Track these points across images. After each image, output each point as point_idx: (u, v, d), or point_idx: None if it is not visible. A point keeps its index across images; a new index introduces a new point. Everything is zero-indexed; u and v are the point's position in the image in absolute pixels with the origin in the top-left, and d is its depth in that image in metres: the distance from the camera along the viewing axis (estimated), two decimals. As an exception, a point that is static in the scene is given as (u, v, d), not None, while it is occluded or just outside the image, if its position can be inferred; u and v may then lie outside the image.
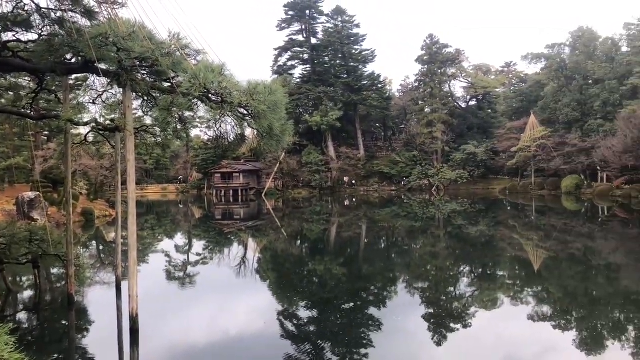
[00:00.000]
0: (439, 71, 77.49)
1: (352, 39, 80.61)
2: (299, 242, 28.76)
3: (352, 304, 14.05)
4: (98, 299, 14.66)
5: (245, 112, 8.29)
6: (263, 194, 70.98)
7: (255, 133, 9.29)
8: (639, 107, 51.30)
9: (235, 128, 9.42)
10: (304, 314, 13.14)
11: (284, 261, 22.22)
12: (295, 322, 12.35)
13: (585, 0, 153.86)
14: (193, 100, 8.69)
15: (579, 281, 17.05)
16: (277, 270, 20.07)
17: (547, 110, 69.96)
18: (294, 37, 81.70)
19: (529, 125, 66.62)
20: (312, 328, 11.91)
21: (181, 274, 19.04)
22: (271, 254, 24.34)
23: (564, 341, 10.84)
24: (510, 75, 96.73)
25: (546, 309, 13.65)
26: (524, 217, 40.49)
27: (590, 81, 67.72)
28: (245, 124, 8.94)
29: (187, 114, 10.12)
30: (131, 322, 9.99)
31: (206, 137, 60.34)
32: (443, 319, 12.61)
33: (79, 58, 9.66)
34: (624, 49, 70.61)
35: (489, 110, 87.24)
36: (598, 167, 58.82)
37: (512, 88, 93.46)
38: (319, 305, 13.96)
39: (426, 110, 78.00)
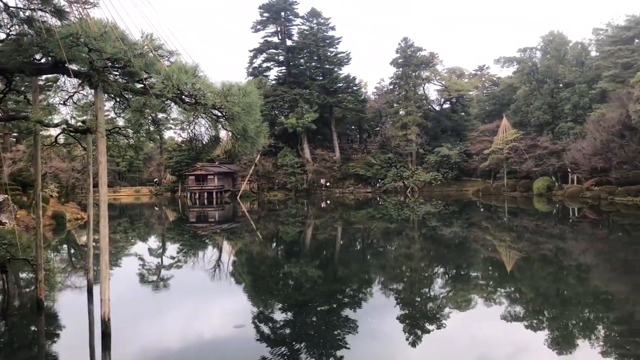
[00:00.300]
0: (414, 74, 78.19)
1: (328, 41, 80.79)
2: (275, 244, 28.69)
3: (328, 306, 14.07)
4: (69, 304, 14.38)
5: (219, 114, 8.24)
6: (238, 197, 70.57)
7: (230, 135, 9.25)
8: (607, 111, 52.49)
9: (210, 130, 9.36)
10: (279, 316, 13.10)
11: (259, 264, 22.14)
12: (271, 324, 12.31)
13: (556, 4, 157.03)
14: (166, 102, 8.61)
15: (550, 281, 17.36)
16: (252, 272, 19.98)
17: (519, 113, 71.14)
18: (269, 39, 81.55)
19: (502, 127, 67.64)
20: (287, 331, 11.88)
21: (155, 278, 18.81)
22: (246, 257, 24.22)
23: (536, 341, 11.02)
24: (483, 79, 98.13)
25: (519, 309, 13.87)
26: (497, 219, 41.09)
27: (561, 85, 69.12)
28: (220, 125, 8.89)
29: (160, 115, 10.02)
30: (103, 327, 9.83)
31: (180, 139, 59.78)
32: (418, 319, 12.71)
33: (49, 58, 9.49)
34: (593, 53, 72.36)
35: (462, 113, 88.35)
36: (568, 169, 60.04)
37: (485, 91, 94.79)
38: (295, 307, 13.94)
39: (401, 112, 78.57)
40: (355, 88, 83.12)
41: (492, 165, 67.70)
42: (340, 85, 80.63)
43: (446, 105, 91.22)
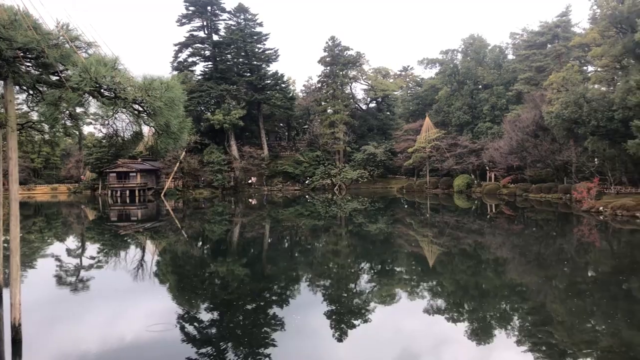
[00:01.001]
0: (341, 73, 79.17)
1: (255, 37, 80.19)
2: (200, 243, 28.15)
3: (255, 304, 13.96)
4: (-24, 310, 13.42)
5: (141, 109, 7.95)
6: (162, 194, 68.66)
7: (152, 131, 8.97)
8: (522, 111, 55.44)
9: (131, 125, 9.03)
10: (205, 316, 12.86)
11: (184, 263, 21.64)
12: (196, 325, 12.06)
13: (478, 8, 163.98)
14: (84, 95, 8.21)
15: (470, 275, 18.12)
16: (177, 272, 19.50)
17: (441, 113, 73.77)
18: (195, 33, 79.78)
19: (425, 127, 69.91)
20: (213, 330, 11.69)
21: (73, 279, 17.94)
22: (171, 256, 23.60)
23: (457, 332, 11.46)
24: (408, 79, 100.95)
25: (440, 302, 14.38)
26: (420, 215, 42.40)
27: (480, 86, 72.35)
28: (142, 121, 8.59)
29: (78, 109, 9.55)
30: (13, 332, 9.27)
31: (100, 135, 57.45)
32: (344, 315, 12.88)
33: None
34: (510, 56, 76.34)
35: (388, 113, 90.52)
36: (487, 167, 62.98)
37: (409, 91, 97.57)
38: (221, 306, 13.74)
39: (329, 111, 79.38)
40: (283, 85, 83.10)
41: (416, 164, 69.84)
42: (269, 82, 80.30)
43: (372, 105, 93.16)
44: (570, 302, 13.62)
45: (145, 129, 9.69)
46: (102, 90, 7.88)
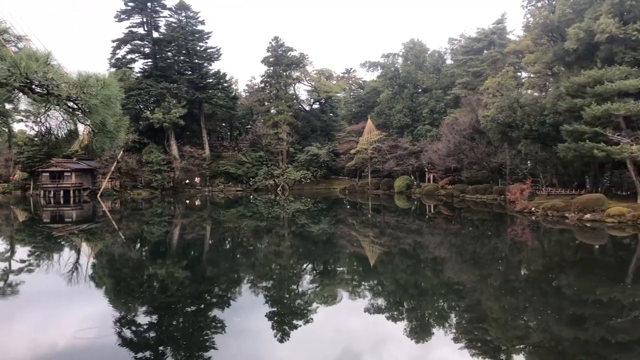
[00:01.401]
0: (285, 73, 79.07)
1: (197, 35, 78.81)
2: (139, 245, 27.40)
3: (195, 306, 13.73)
4: None
5: (76, 106, 7.63)
6: (98, 195, 66.32)
7: (88, 129, 8.63)
8: (460, 115, 57.16)
9: (65, 123, 8.65)
10: (143, 320, 12.52)
11: (121, 266, 21.00)
12: (134, 329, 11.72)
13: (419, 13, 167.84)
14: (13, 91, 7.80)
15: (409, 274, 18.51)
16: (114, 275, 18.90)
17: (383, 115, 75.00)
18: (135, 30, 77.47)
19: (367, 129, 70.87)
20: (152, 334, 11.40)
21: (0, 284, 17.04)
22: (107, 259, 22.83)
23: (397, 331, 11.68)
24: (350, 81, 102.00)
25: (381, 301, 14.62)
26: (361, 215, 42.95)
27: (420, 90, 74.09)
28: (76, 119, 8.24)
29: (8, 106, 9.06)
30: None
31: (32, 132, 54.74)
32: (286, 316, 12.86)
33: None
34: (449, 61, 78.58)
35: (331, 114, 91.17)
36: (426, 169, 64.55)
37: (351, 93, 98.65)
38: (160, 309, 13.42)
39: (272, 111, 79.07)
40: (225, 84, 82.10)
41: (358, 165, 70.70)
42: (210, 80, 79.12)
43: (316, 106, 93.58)
44: (504, 300, 14.15)
45: (81, 128, 9.32)
46: (33, 87, 7.51)
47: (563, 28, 37.47)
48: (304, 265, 21.08)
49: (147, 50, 77.64)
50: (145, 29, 77.75)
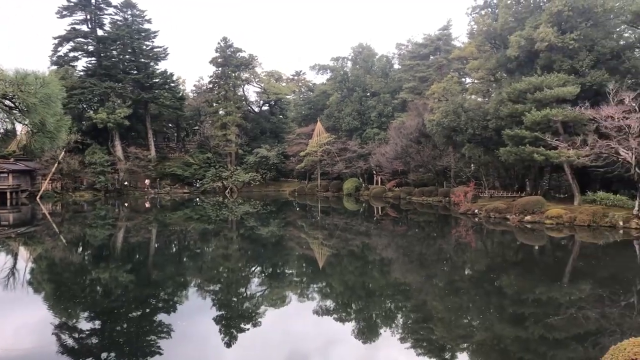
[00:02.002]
0: (233, 74, 78.30)
1: (143, 34, 76.96)
2: (81, 249, 26.48)
3: (140, 311, 13.41)
4: None
5: (13, 105, 7.33)
6: (38, 197, 63.67)
7: (26, 129, 8.30)
8: (407, 119, 58.20)
9: (2, 122, 8.30)
10: (85, 325, 12.11)
11: (62, 270, 20.26)
12: (76, 336, 11.32)
13: (368, 17, 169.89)
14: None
15: (357, 275, 18.70)
16: (54, 280, 18.20)
17: (332, 118, 75.44)
18: (78, 27, 74.80)
19: (316, 131, 71.13)
20: (94, 340, 11.04)
21: None
22: (47, 263, 21.96)
23: (345, 332, 11.78)
24: (300, 84, 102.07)
25: (329, 303, 14.71)
26: (311, 217, 43.06)
27: (369, 93, 75.01)
28: (14, 118, 7.92)
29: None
30: None
31: (-35, 132, 51.88)
32: (233, 319, 12.75)
33: None
34: (396, 66, 79.96)
35: (281, 116, 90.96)
36: (374, 171, 65.40)
37: (301, 96, 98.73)
38: (103, 315, 13.01)
39: (220, 112, 78.12)
40: (172, 84, 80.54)
41: (308, 167, 70.86)
42: (157, 80, 77.39)
43: (265, 108, 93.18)
44: (449, 300, 14.51)
45: (19, 127, 8.98)
46: (-34, 83, 7.15)
47: (505, 36, 38.83)
48: (253, 268, 20.95)
49: (90, 48, 75.18)
50: (89, 26, 75.27)
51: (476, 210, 37.08)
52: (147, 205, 55.82)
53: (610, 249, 23.73)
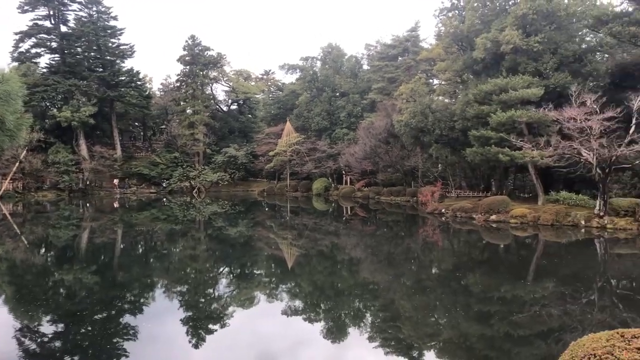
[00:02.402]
0: (201, 73, 77.53)
1: (109, 31, 75.46)
2: (43, 250, 25.82)
3: (105, 313, 13.14)
4: None
5: (-30, 102, 7.10)
6: (-2, 197, 61.86)
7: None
8: (376, 119, 58.61)
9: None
10: (47, 329, 11.80)
11: (23, 272, 19.71)
12: (38, 339, 11.03)
13: (337, 17, 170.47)
14: None
15: (326, 275, 18.75)
16: (15, 283, 17.69)
17: (301, 118, 75.45)
18: (40, 23, 72.85)
19: (285, 131, 70.99)
20: (57, 344, 10.77)
21: None
22: (7, 265, 21.32)
23: (314, 332, 11.78)
24: (269, 83, 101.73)
25: (298, 303, 14.69)
26: (280, 217, 42.97)
27: (338, 94, 75.26)
28: (-29, 115, 7.66)
29: None
30: None
31: None
32: (201, 320, 12.62)
33: None
34: (365, 66, 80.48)
35: (250, 115, 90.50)
36: (343, 171, 65.65)
37: (270, 95, 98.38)
38: (67, 317, 12.70)
39: (188, 111, 77.25)
40: (139, 83, 79.23)
41: (277, 167, 70.68)
42: (123, 78, 76.03)
43: (234, 107, 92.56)
44: (416, 298, 14.67)
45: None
46: None
47: (472, 38, 39.47)
48: (221, 269, 20.78)
49: (54, 44, 73.35)
50: (52, 22, 73.38)
51: (443, 210, 37.58)
52: (113, 205, 54.79)
53: (573, 247, 24.37)
